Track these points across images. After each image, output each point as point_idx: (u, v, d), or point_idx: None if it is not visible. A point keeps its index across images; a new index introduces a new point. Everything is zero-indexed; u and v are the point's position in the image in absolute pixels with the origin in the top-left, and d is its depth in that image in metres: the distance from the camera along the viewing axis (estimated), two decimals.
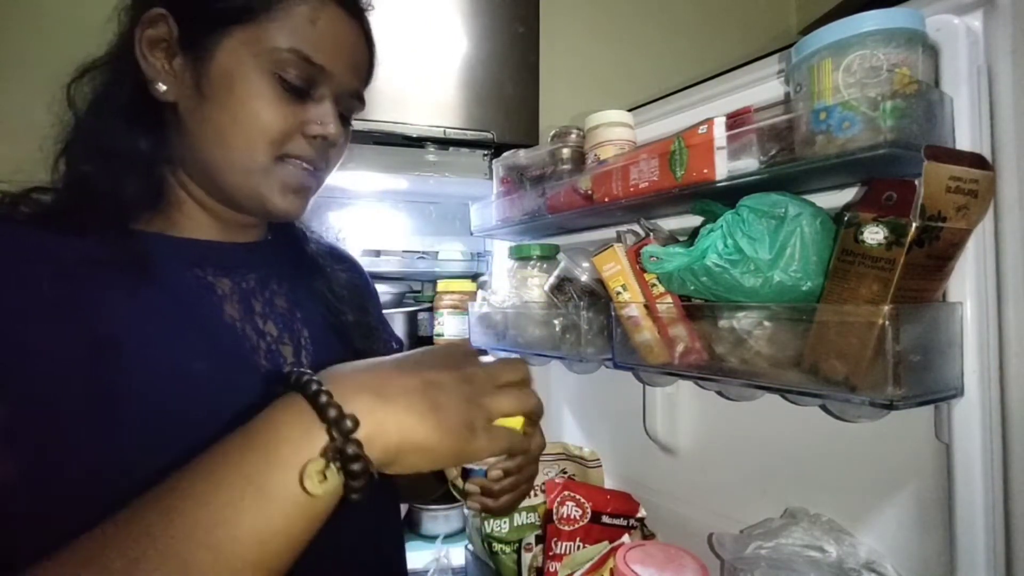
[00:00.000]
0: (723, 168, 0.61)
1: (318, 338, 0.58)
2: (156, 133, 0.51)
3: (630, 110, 0.85)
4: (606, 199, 0.75)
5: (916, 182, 0.47)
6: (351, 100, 0.56)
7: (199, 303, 0.51)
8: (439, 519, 1.27)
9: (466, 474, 0.60)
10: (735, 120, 0.62)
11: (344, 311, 0.62)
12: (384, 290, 1.26)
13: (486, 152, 1.11)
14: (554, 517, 0.82)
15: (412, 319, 1.32)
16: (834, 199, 0.64)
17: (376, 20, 0.58)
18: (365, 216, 1.29)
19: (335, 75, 0.51)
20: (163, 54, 0.49)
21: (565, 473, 0.97)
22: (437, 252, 1.30)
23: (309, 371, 0.35)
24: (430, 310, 1.24)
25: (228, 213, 0.54)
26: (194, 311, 0.50)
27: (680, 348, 0.70)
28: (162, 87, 0.49)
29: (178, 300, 0.49)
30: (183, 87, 0.49)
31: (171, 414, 0.44)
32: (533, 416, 0.44)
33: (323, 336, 0.59)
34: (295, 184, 0.52)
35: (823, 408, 0.67)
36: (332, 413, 0.33)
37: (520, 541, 0.90)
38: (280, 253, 0.62)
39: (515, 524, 0.92)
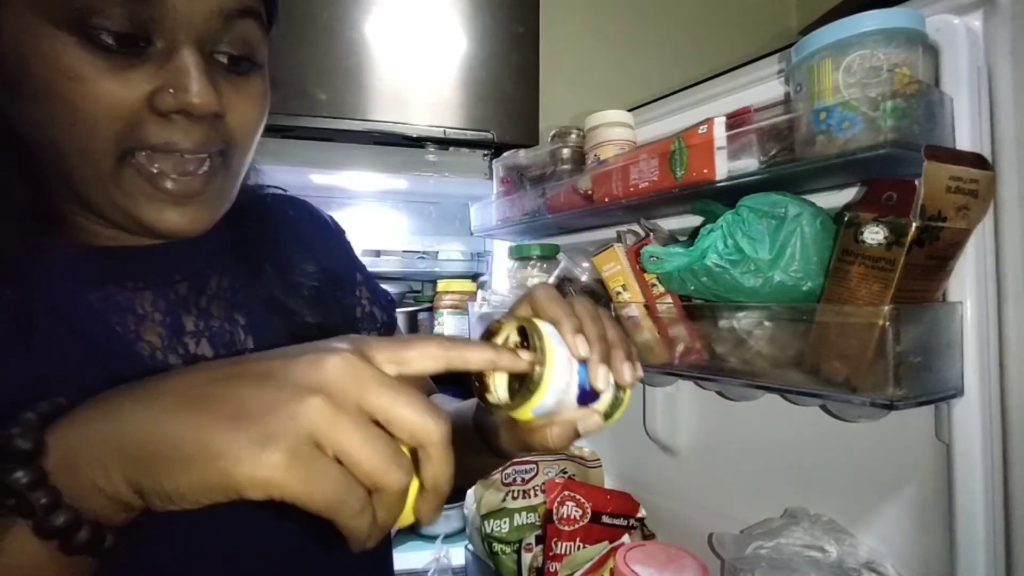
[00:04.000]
0: (723, 168, 0.61)
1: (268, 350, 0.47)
2: None
3: (630, 110, 0.85)
4: (606, 199, 0.75)
5: (916, 182, 0.47)
6: (231, 27, 0.36)
7: (104, 335, 0.40)
8: (439, 519, 1.27)
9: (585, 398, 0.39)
10: (735, 120, 0.62)
11: (302, 311, 0.49)
12: None
13: (486, 152, 1.11)
14: (554, 517, 0.82)
15: (412, 319, 1.32)
16: (834, 199, 0.64)
17: (376, 20, 0.56)
18: (365, 216, 1.29)
19: (179, 3, 0.34)
20: None
21: (565, 473, 0.97)
22: (437, 252, 1.30)
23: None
24: (430, 310, 1.24)
25: None
26: (95, 348, 0.39)
27: (680, 348, 0.70)
28: None
29: (70, 339, 0.38)
30: None
31: None
32: (430, 480, 0.27)
33: (276, 346, 0.44)
34: (167, 188, 0.37)
35: (823, 408, 0.67)
36: None
37: (520, 541, 0.90)
38: (229, 238, 0.49)
39: (515, 524, 0.92)
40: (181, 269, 0.45)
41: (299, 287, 0.50)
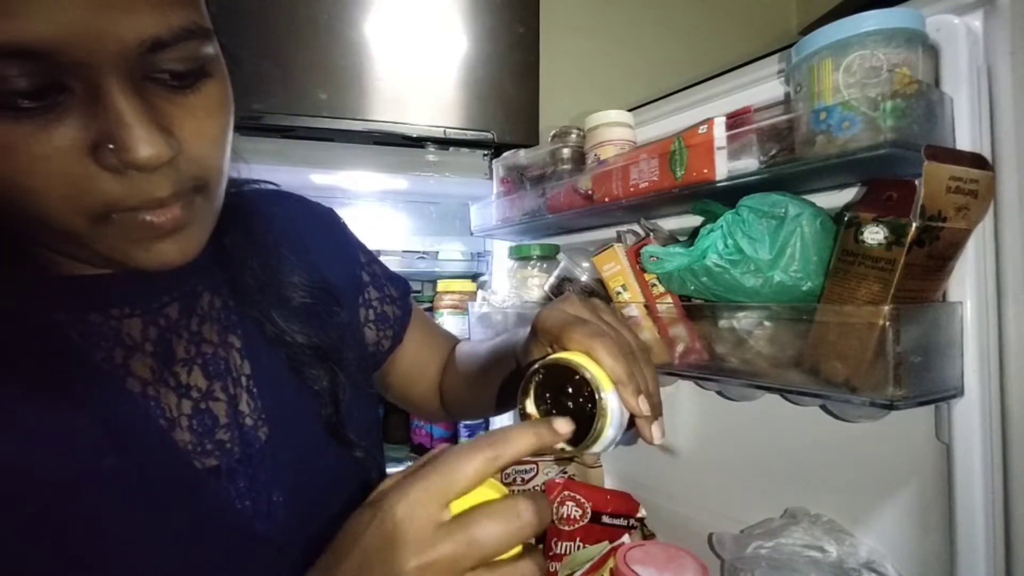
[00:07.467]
0: (723, 168, 0.61)
1: (265, 375, 0.44)
2: None
3: (630, 110, 0.85)
4: (606, 199, 0.75)
5: (916, 182, 0.47)
6: (166, 53, 0.30)
7: (87, 374, 0.37)
8: None
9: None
10: (735, 120, 0.62)
11: (293, 331, 0.46)
12: None
13: (486, 152, 1.11)
14: (554, 517, 0.82)
15: None
16: (834, 199, 0.64)
17: (376, 20, 0.55)
18: (365, 216, 1.29)
19: (87, 41, 0.27)
20: None
21: (565, 473, 0.97)
22: (437, 252, 1.30)
23: None
24: (430, 310, 1.24)
25: None
26: (78, 390, 0.36)
27: (680, 348, 0.70)
28: None
29: (47, 383, 0.35)
30: None
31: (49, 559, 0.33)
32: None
33: (272, 368, 0.45)
34: (151, 223, 0.33)
35: (823, 408, 0.67)
36: None
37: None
38: (221, 250, 0.45)
39: None
40: (170, 289, 0.42)
41: (287, 303, 0.47)
